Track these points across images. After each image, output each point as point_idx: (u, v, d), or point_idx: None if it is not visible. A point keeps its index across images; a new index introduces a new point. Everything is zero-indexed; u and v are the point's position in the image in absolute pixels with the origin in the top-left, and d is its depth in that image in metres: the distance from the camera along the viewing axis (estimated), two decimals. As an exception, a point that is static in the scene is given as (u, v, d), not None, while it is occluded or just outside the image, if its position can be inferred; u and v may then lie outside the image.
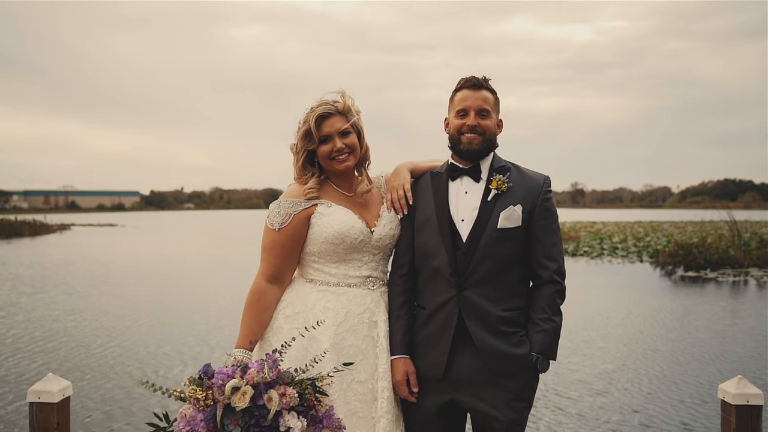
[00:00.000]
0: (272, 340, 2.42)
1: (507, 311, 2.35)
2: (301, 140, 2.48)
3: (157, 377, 7.37)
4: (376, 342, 2.43)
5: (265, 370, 2.07)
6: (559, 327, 2.37)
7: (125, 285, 15.97)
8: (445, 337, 2.35)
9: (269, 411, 2.05)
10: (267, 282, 2.45)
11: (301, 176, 2.51)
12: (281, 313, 2.45)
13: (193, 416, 2.02)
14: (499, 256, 2.35)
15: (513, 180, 2.42)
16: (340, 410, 2.30)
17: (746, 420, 3.53)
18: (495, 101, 2.48)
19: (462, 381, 2.36)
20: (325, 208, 2.46)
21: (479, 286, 2.35)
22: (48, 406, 3.60)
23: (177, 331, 10.08)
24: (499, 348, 2.31)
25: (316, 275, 2.49)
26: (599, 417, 6.10)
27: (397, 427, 2.40)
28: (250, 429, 2.05)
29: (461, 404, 2.37)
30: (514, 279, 2.39)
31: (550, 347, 2.35)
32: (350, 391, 2.36)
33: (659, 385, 7.19)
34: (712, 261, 19.88)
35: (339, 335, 2.38)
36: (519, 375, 2.34)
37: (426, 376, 2.40)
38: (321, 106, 2.49)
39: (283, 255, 2.44)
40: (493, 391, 2.32)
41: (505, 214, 2.35)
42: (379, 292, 2.52)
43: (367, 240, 2.48)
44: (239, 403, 2.04)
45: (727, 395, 3.60)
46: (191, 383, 2.10)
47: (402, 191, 2.52)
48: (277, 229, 2.42)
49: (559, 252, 2.40)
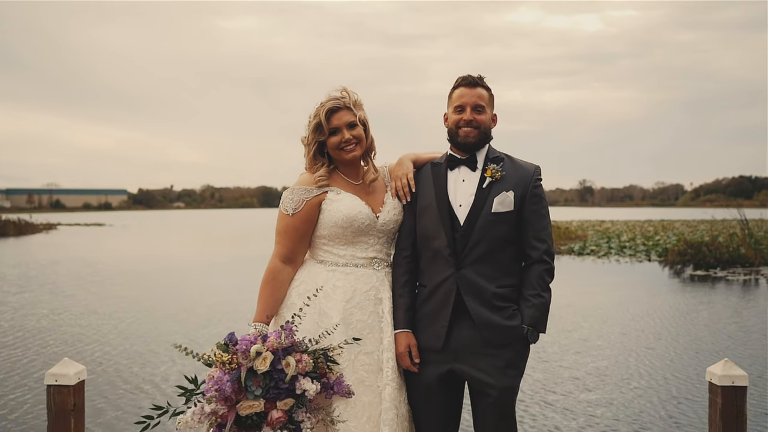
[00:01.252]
0: (286, 316, 2.77)
1: (501, 288, 2.71)
2: (312, 132, 2.83)
3: (145, 373, 7.78)
4: (381, 317, 2.79)
5: (282, 338, 2.42)
6: (547, 302, 2.73)
7: (112, 285, 16.32)
8: (445, 311, 2.72)
9: (287, 375, 2.40)
10: (281, 262, 2.81)
11: (312, 166, 2.85)
12: (294, 291, 2.81)
13: (221, 377, 2.36)
14: (493, 237, 2.71)
15: (506, 169, 2.78)
16: (349, 379, 2.65)
17: (732, 400, 3.89)
18: (489, 98, 2.84)
19: (460, 351, 2.72)
20: (334, 194, 2.82)
21: (475, 265, 2.71)
22: (65, 389, 3.95)
23: (164, 329, 10.45)
24: (493, 321, 2.67)
25: (326, 256, 2.85)
26: (586, 411, 6.44)
27: (400, 394, 2.75)
28: (270, 390, 2.39)
29: (459, 373, 2.73)
30: (508, 259, 2.75)
31: (539, 320, 2.71)
32: (358, 362, 2.72)
33: (650, 380, 7.54)
34: (723, 260, 20.24)
35: (347, 311, 2.74)
36: (511, 345, 2.69)
37: (427, 348, 2.76)
38: (330, 101, 2.84)
39: (296, 238, 2.81)
40: (488, 360, 2.68)
41: (499, 199, 2.72)
42: (383, 272, 2.89)
43: (373, 224, 2.84)
44: (261, 367, 2.39)
45: (714, 377, 3.97)
46: (218, 349, 2.45)
47: (405, 180, 2.89)
48: (290, 214, 2.78)
49: (548, 234, 2.76)
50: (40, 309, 12.50)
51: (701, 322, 11.08)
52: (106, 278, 17.79)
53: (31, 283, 16.50)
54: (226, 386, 2.32)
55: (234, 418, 2.35)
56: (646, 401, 6.79)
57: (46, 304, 13.08)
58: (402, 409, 2.75)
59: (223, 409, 2.37)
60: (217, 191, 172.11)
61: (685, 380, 7.48)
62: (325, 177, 2.83)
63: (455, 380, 2.77)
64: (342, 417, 2.60)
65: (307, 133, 2.84)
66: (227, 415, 2.38)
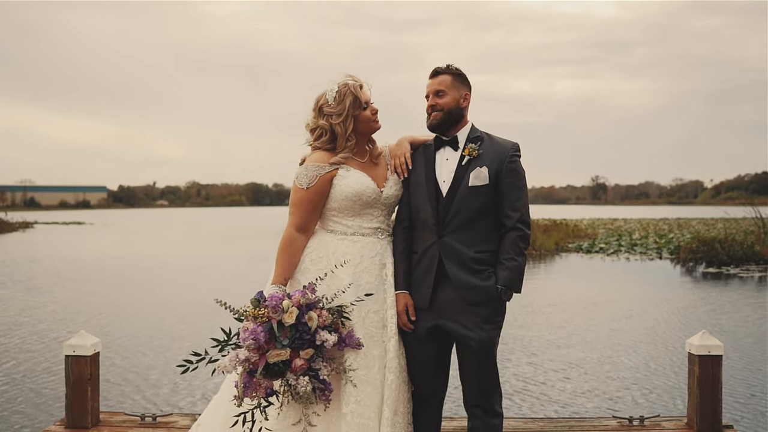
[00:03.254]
0: (300, 279, 3.32)
1: (478, 253, 3.29)
2: (350, 107, 3.35)
3: (126, 363, 8.51)
4: (384, 280, 3.38)
5: (309, 294, 3.00)
6: (520, 265, 3.29)
7: (91, 282, 16.90)
8: (429, 274, 3.31)
9: (310, 327, 2.98)
10: (296, 231, 3.37)
11: (344, 142, 3.36)
12: (308, 257, 3.37)
13: (255, 329, 2.93)
14: (471, 208, 3.29)
15: (484, 147, 3.36)
16: (359, 333, 3.22)
17: (708, 368, 4.49)
18: (453, 80, 3.40)
19: (443, 309, 3.30)
20: (345, 171, 3.38)
21: (455, 233, 3.29)
22: (82, 359, 4.54)
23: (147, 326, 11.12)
24: (470, 282, 3.25)
25: (336, 227, 3.42)
26: (562, 400, 7.04)
27: (400, 347, 3.35)
28: (295, 341, 2.96)
29: (444, 327, 3.32)
30: (485, 227, 3.31)
31: (512, 281, 3.28)
32: (368, 319, 3.29)
33: (634, 372, 8.13)
34: (736, 257, 20.84)
35: (357, 274, 3.31)
36: (487, 303, 3.26)
37: (417, 306, 3.36)
38: (352, 81, 3.41)
39: (310, 209, 3.36)
40: (467, 316, 3.26)
41: (474, 174, 3.30)
42: (386, 241, 3.48)
43: (378, 198, 3.42)
44: (288, 320, 2.95)
45: (692, 347, 4.57)
46: (252, 304, 3.01)
47: (403, 159, 3.50)
48: (305, 188, 3.34)
49: (523, 205, 3.32)
50: (9, 307, 13.07)
51: (700, 319, 11.66)
52: (87, 276, 18.35)
53: (6, 281, 17.07)
54: (260, 336, 2.89)
55: (263, 365, 2.92)
56: (628, 394, 7.37)
57: (20, 302, 13.66)
58: (402, 360, 3.34)
59: (255, 357, 2.93)
60: (203, 188, 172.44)
61: (666, 378, 8.06)
62: (346, 157, 3.40)
63: (441, 335, 3.35)
64: (353, 366, 3.17)
65: (334, 112, 3.33)
66: (258, 362, 2.94)
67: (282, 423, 3.12)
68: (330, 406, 3.10)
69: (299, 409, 3.08)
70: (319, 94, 3.43)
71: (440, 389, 3.43)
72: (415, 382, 3.38)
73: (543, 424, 4.72)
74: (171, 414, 4.85)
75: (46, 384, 7.56)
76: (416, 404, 3.40)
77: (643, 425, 4.61)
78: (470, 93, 3.43)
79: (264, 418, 3.03)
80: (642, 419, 4.65)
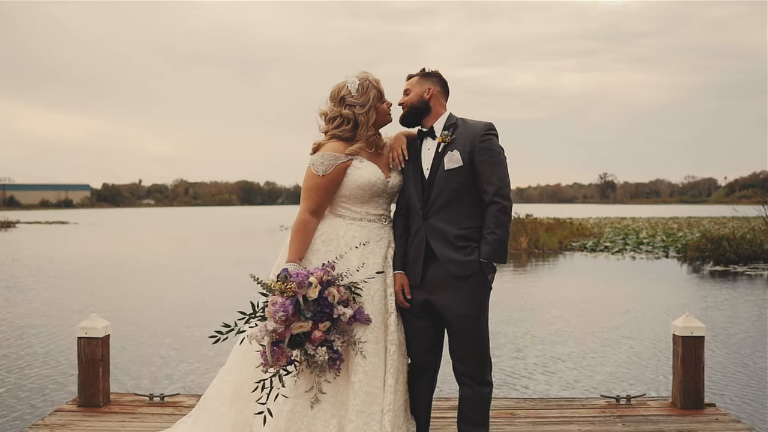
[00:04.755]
0: (312, 259, 3.81)
1: (462, 230, 3.75)
2: (374, 99, 3.86)
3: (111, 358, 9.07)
4: (387, 261, 3.89)
5: (330, 272, 3.53)
6: (500, 237, 3.73)
7: (71, 280, 17.36)
8: (419, 254, 3.81)
9: (331, 302, 3.47)
10: (310, 215, 3.85)
11: (365, 131, 3.84)
12: (319, 239, 3.86)
13: (284, 302, 3.41)
14: (450, 189, 3.76)
15: (458, 132, 3.83)
16: (368, 309, 3.72)
17: (691, 349, 4.98)
18: (418, 80, 3.91)
19: (432, 285, 3.79)
20: (358, 162, 3.88)
21: (439, 214, 3.78)
22: (94, 341, 5.01)
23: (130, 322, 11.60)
24: (454, 257, 3.72)
25: (345, 212, 3.91)
26: (539, 390, 7.54)
27: (399, 322, 3.85)
28: (316, 314, 3.45)
29: (434, 302, 3.79)
30: (467, 206, 3.78)
31: (493, 254, 3.73)
32: (376, 297, 3.79)
33: (616, 366, 8.62)
34: (744, 255, 21.34)
35: (364, 256, 3.82)
36: (471, 278, 3.72)
37: (411, 284, 3.85)
38: (368, 75, 3.90)
39: (324, 195, 3.85)
40: (454, 291, 3.74)
41: (448, 158, 3.78)
42: (388, 226, 4.00)
43: (384, 188, 3.92)
44: (312, 295, 3.44)
45: (676, 329, 5.05)
46: (279, 280, 3.48)
47: (399, 151, 3.97)
48: (321, 175, 3.81)
49: (498, 179, 3.75)
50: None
51: (694, 315, 12.15)
52: (68, 274, 18.81)
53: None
54: (289, 309, 3.37)
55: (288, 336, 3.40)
56: (609, 386, 7.85)
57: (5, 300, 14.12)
58: (401, 334, 3.83)
59: (281, 328, 3.41)
60: (191, 186, 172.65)
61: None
62: (359, 148, 3.89)
63: (433, 310, 3.83)
64: (362, 339, 3.66)
65: (357, 103, 3.81)
66: (283, 333, 3.41)
67: (296, 390, 3.59)
68: (339, 374, 3.58)
69: (311, 378, 3.56)
70: (338, 84, 3.89)
71: (434, 361, 3.89)
72: (411, 354, 3.85)
73: (534, 403, 5.20)
74: (177, 394, 5.32)
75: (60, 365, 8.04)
76: (412, 375, 3.87)
77: (630, 404, 5.08)
78: (435, 87, 3.90)
79: (281, 385, 3.50)
80: (629, 398, 5.13)
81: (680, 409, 4.95)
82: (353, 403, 3.59)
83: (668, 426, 4.61)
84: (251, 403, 3.67)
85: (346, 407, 3.62)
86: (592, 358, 9.00)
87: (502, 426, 4.68)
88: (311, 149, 3.91)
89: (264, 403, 3.44)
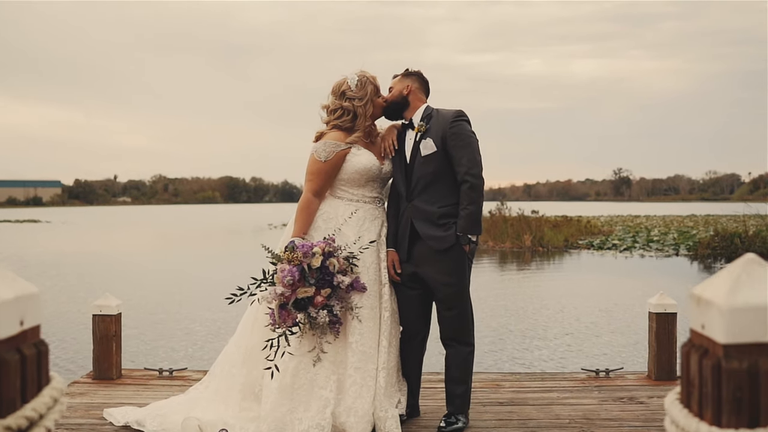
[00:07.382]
0: (314, 235, 4.66)
1: (442, 207, 4.61)
2: (371, 93, 4.71)
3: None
4: (381, 239, 4.76)
5: (331, 244, 4.35)
6: (473, 212, 4.56)
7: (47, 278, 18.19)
8: (406, 233, 4.69)
9: (331, 270, 4.30)
10: (313, 195, 4.70)
11: (363, 122, 4.68)
12: (320, 218, 4.71)
13: (291, 269, 4.23)
14: (428, 173, 4.62)
15: (432, 122, 4.69)
16: (364, 279, 4.55)
17: (663, 324, 5.84)
18: (400, 78, 4.80)
19: (418, 259, 4.66)
20: (356, 150, 4.73)
21: (420, 195, 4.64)
22: (108, 318, 5.85)
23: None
24: (433, 233, 4.59)
25: (343, 194, 4.77)
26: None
27: (392, 292, 4.73)
28: (318, 281, 4.28)
29: (420, 274, 4.66)
30: (445, 186, 4.62)
31: (468, 228, 4.56)
32: (370, 269, 4.65)
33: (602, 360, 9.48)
34: (757, 253, 22.05)
35: (360, 232, 4.67)
36: (450, 251, 4.57)
37: (400, 260, 4.73)
38: (366, 73, 4.74)
39: (325, 179, 4.71)
40: (436, 264, 4.60)
41: (423, 145, 4.65)
42: (382, 207, 4.88)
43: (379, 173, 4.78)
44: (315, 264, 4.27)
45: (651, 306, 5.92)
46: (287, 250, 4.31)
47: (390, 141, 4.82)
48: (323, 161, 4.67)
49: (468, 160, 4.57)
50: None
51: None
52: (42, 272, 19.61)
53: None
54: (295, 275, 4.21)
55: (293, 299, 4.24)
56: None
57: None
58: (393, 303, 4.71)
59: (288, 292, 4.24)
60: (170, 183, 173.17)
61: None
62: (358, 138, 4.73)
63: (419, 279, 4.69)
64: (359, 305, 4.49)
65: (356, 96, 4.65)
66: (290, 297, 4.24)
67: (300, 349, 4.41)
68: (338, 337, 4.41)
69: (314, 339, 4.39)
70: (339, 79, 4.74)
71: (423, 327, 4.76)
72: (403, 322, 4.71)
73: (519, 376, 6.05)
74: (185, 369, 6.16)
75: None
76: (404, 341, 4.72)
77: (609, 377, 5.93)
78: (414, 84, 4.76)
79: (287, 344, 4.33)
80: (608, 371, 5.98)
81: (654, 380, 5.80)
82: (351, 361, 4.43)
83: (639, 393, 5.46)
84: (260, 364, 4.50)
85: (345, 366, 4.45)
86: (575, 341, 9.87)
87: (487, 394, 5.52)
88: (314, 137, 4.76)
89: (272, 360, 4.27)
